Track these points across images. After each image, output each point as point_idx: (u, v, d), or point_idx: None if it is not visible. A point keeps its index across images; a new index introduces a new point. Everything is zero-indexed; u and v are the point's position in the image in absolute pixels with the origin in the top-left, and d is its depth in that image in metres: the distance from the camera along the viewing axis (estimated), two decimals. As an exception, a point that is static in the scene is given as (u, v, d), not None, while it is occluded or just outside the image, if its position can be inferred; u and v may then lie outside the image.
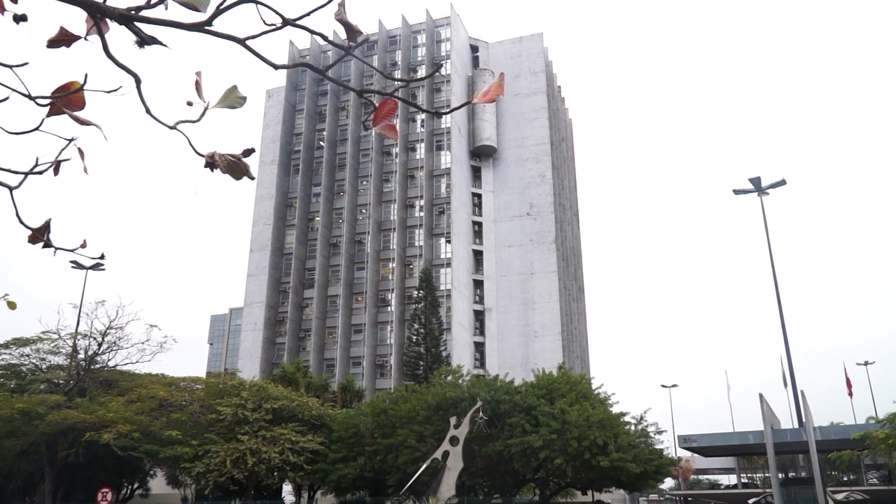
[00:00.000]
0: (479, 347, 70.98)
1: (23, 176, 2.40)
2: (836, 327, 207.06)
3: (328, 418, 34.46)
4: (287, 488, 40.20)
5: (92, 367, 36.53)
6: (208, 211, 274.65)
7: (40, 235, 2.46)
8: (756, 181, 37.99)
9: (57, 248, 2.57)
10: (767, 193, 38.05)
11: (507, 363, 61.77)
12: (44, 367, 37.37)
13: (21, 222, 2.42)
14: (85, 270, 39.65)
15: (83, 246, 2.62)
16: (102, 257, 2.77)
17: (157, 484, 43.45)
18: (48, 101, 2.19)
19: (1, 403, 31.71)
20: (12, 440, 32.67)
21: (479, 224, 75.35)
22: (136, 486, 43.73)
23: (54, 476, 35.24)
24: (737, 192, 38.85)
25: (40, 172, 2.37)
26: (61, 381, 36.65)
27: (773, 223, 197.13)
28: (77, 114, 2.17)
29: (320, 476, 33.02)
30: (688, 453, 45.45)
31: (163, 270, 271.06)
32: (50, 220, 2.49)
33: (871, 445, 28.70)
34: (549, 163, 75.71)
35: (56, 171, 2.36)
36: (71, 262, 39.33)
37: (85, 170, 2.32)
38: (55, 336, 36.02)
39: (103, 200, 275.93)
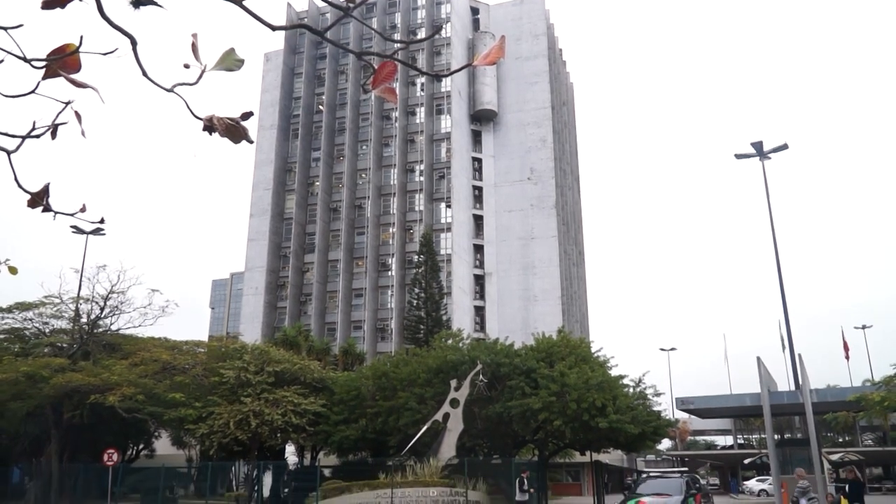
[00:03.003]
0: (480, 311, 71.39)
1: (20, 140, 2.39)
2: (836, 292, 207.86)
3: (330, 381, 34.82)
4: (290, 449, 40.94)
5: (95, 330, 36.77)
6: (208, 176, 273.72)
7: (39, 200, 2.46)
8: (758, 145, 37.74)
9: (56, 213, 2.58)
10: (769, 158, 37.83)
11: (507, 327, 62.16)
12: (47, 331, 37.61)
13: (20, 186, 2.42)
14: (85, 235, 39.63)
15: (83, 210, 2.62)
16: (102, 221, 2.77)
17: (162, 445, 44.14)
18: (44, 63, 2.17)
19: (6, 367, 32.01)
20: (18, 402, 33.06)
21: (480, 189, 75.15)
22: (141, 446, 44.41)
23: (60, 437, 35.75)
24: (738, 156, 38.63)
25: (38, 136, 2.36)
26: (65, 345, 36.93)
27: (774, 188, 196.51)
28: (73, 76, 2.15)
29: (322, 437, 33.49)
30: (685, 415, 46.04)
31: (163, 235, 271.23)
32: (49, 184, 2.48)
33: (866, 407, 29.03)
34: (549, 127, 75.19)
35: (53, 135, 2.35)
36: (71, 226, 39.33)
37: (82, 133, 2.31)
38: (57, 301, 36.19)
39: (102, 165, 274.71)
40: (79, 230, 38.74)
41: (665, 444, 70.78)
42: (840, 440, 71.20)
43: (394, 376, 32.97)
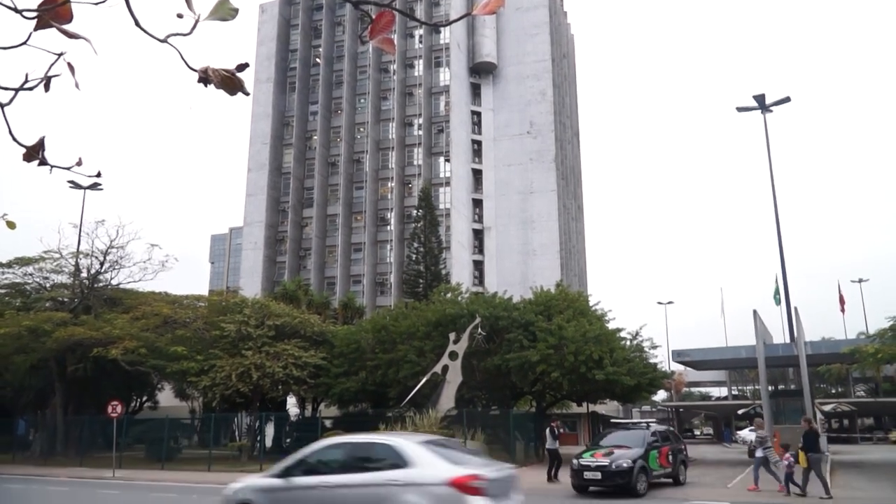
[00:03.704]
0: (478, 266, 71.61)
1: (13, 92, 2.37)
2: (834, 246, 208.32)
3: (330, 334, 35.14)
4: (291, 401, 41.56)
5: (95, 285, 36.94)
6: (205, 130, 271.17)
7: (35, 153, 2.45)
8: (760, 98, 37.40)
9: (52, 166, 2.57)
10: (771, 111, 37.51)
11: (505, 281, 62.44)
12: (48, 285, 37.79)
13: (14, 140, 2.41)
14: (83, 190, 39.48)
15: (79, 164, 2.61)
16: (99, 175, 2.77)
17: (166, 397, 44.78)
18: (35, 13, 2.14)
19: (8, 321, 32.25)
20: (21, 356, 33.43)
21: (479, 143, 74.58)
22: (144, 398, 45.08)
23: (64, 390, 36.26)
24: (740, 109, 38.29)
25: (31, 88, 2.34)
26: (66, 300, 37.15)
27: (775, 142, 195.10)
28: (65, 27, 2.13)
29: (323, 389, 33.96)
30: (681, 367, 46.61)
31: (161, 190, 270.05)
32: (44, 137, 2.47)
33: (860, 360, 29.31)
34: (549, 80, 74.21)
35: (47, 87, 2.33)
36: (69, 181, 39.13)
37: (76, 85, 2.29)
38: (57, 255, 36.27)
39: (97, 119, 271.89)
40: (76, 185, 38.57)
41: (661, 395, 71.83)
42: (833, 391, 72.26)
43: (393, 330, 33.26)
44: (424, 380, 29.90)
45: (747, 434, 51.93)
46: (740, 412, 57.96)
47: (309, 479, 9.56)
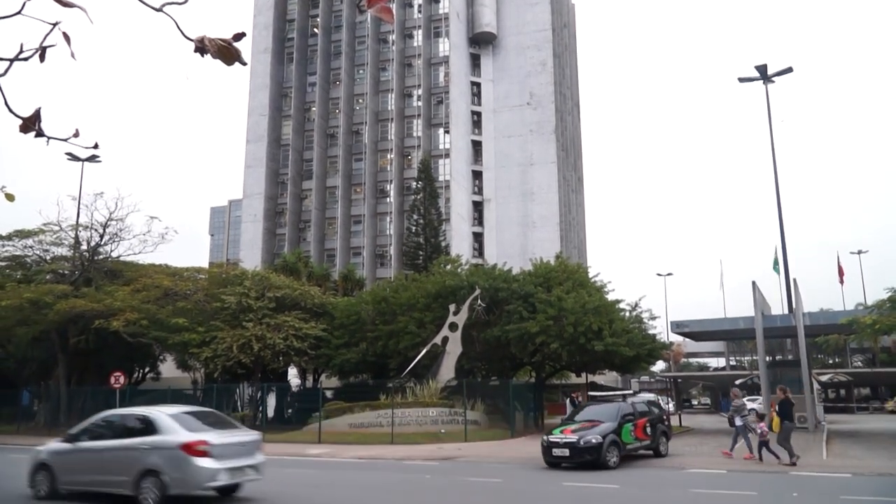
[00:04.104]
0: (478, 238, 71.64)
1: (8, 63, 2.37)
2: (833, 218, 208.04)
3: (330, 306, 35.26)
4: (292, 372, 41.85)
5: (95, 257, 36.99)
6: (203, 101, 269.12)
7: (31, 125, 2.46)
8: (762, 69, 37.08)
9: (49, 138, 2.58)
10: (773, 81, 37.21)
11: (505, 253, 62.49)
12: (48, 258, 37.84)
13: (11, 111, 2.41)
14: (81, 162, 39.31)
15: (76, 135, 2.62)
16: (96, 146, 2.77)
17: (168, 368, 45.07)
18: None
19: (9, 293, 32.36)
20: (23, 328, 33.60)
21: (479, 114, 74.11)
22: (146, 370, 45.39)
23: (67, 361, 36.52)
24: (742, 79, 37.97)
25: (26, 59, 2.34)
26: (66, 272, 37.23)
27: (776, 114, 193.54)
28: (60, -4, 2.11)
29: (324, 360, 34.20)
30: (679, 338, 46.89)
31: (159, 162, 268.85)
32: (40, 108, 2.48)
33: (857, 330, 29.46)
34: (550, 50, 73.50)
35: (42, 58, 2.32)
36: (66, 153, 39.01)
37: (72, 55, 2.28)
38: (57, 228, 36.26)
39: (94, 90, 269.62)
40: (74, 157, 38.42)
41: (659, 365, 72.34)
42: (830, 362, 72.77)
43: (393, 301, 33.39)
44: (424, 351, 30.11)
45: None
46: (738, 382, 58.37)
47: (88, 444, 12.06)
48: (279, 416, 35.66)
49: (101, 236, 36.46)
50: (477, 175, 72.95)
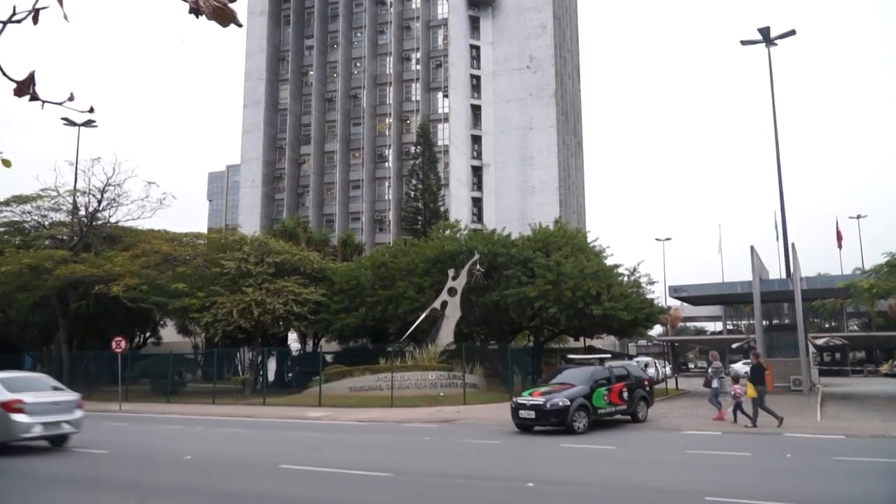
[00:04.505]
0: (477, 203, 71.50)
1: (1, 25, 2.35)
2: (833, 183, 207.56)
3: (329, 271, 35.35)
4: (293, 336, 42.15)
5: (94, 223, 36.95)
6: (200, 65, 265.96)
7: (25, 88, 2.45)
8: (765, 31, 36.64)
9: (44, 102, 2.57)
10: (776, 44, 36.79)
11: (504, 218, 62.42)
12: (46, 223, 37.79)
13: (5, 75, 2.40)
14: (77, 127, 39.01)
15: (70, 99, 2.61)
16: (91, 110, 2.76)
17: (168, 333, 45.39)
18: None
19: (9, 259, 32.40)
20: (24, 293, 33.72)
21: (478, 78, 73.34)
22: (147, 334, 45.72)
23: (68, 326, 36.73)
24: (744, 42, 37.53)
25: (19, 21, 2.31)
26: (65, 237, 37.22)
27: (778, 78, 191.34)
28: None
29: (324, 325, 34.40)
30: (677, 302, 47.14)
31: (156, 127, 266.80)
32: (34, 72, 2.46)
33: (854, 294, 29.63)
34: (550, 12, 72.44)
35: (35, 20, 2.30)
36: (62, 118, 38.70)
37: (65, 17, 2.26)
38: (54, 193, 36.13)
39: (89, 53, 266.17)
40: (70, 122, 38.12)
41: (657, 329, 72.84)
42: (826, 325, 73.30)
43: (392, 266, 33.47)
44: (424, 315, 30.29)
45: (740, 367, 52.99)
46: (734, 346, 58.97)
47: None
48: (280, 380, 36.01)
49: (99, 202, 36.37)
50: (476, 139, 72.50)
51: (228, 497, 9.05)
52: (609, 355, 21.88)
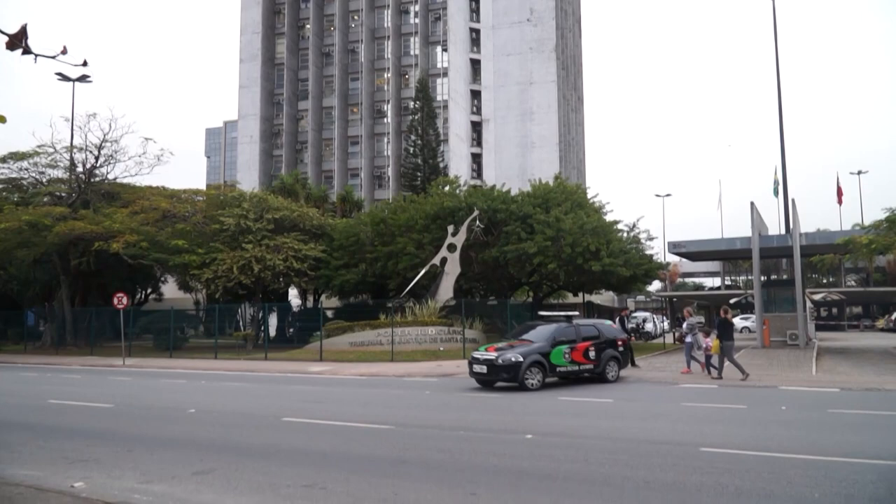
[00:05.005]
0: (477, 158, 71.07)
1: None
2: (834, 139, 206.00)
3: (329, 227, 35.35)
4: (293, 292, 42.37)
5: (92, 179, 36.78)
6: (195, 19, 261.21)
7: (18, 42, 2.41)
8: (770, -20, 35.96)
9: (37, 55, 2.53)
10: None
11: (504, 174, 62.16)
12: (44, 180, 37.62)
13: (-3, 27, 2.35)
14: (72, 83, 38.50)
15: (63, 52, 2.58)
16: (85, 64, 2.73)
17: (170, 289, 45.63)
18: None
19: (8, 216, 32.35)
20: (24, 250, 33.77)
21: (477, 31, 72.10)
22: (149, 291, 45.97)
23: (69, 283, 36.88)
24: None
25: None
26: (63, 194, 37.09)
27: (781, 29, 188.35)
28: None
29: (324, 281, 34.55)
30: (676, 258, 47.27)
31: (152, 82, 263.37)
32: (26, 25, 2.42)
33: (853, 250, 29.65)
34: (551, -38, 70.85)
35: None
36: (57, 73, 38.16)
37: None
38: (51, 150, 35.88)
39: (81, 6, 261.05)
40: (64, 77, 37.62)
41: (655, 285, 73.17)
42: (824, 281, 73.62)
43: (392, 222, 33.45)
44: (423, 271, 30.40)
45: (738, 322, 53.41)
46: (732, 301, 59.23)
47: None
48: (281, 335, 36.32)
49: (97, 158, 36.15)
50: (475, 95, 71.67)
51: (233, 449, 9.21)
52: (576, 313, 20.91)
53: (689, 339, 20.09)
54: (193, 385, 18.94)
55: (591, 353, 17.15)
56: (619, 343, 18.15)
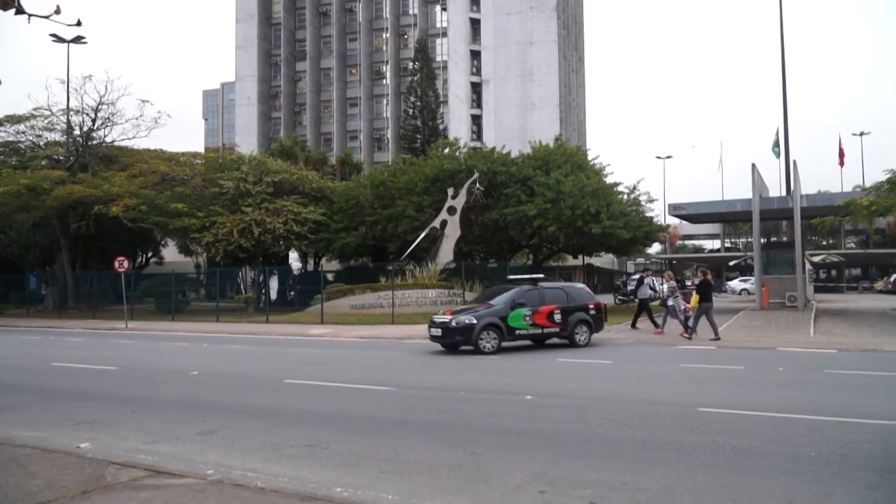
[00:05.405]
0: (476, 120, 70.52)
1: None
2: (837, 100, 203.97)
3: (328, 190, 35.25)
4: (293, 255, 42.44)
5: (89, 143, 36.54)
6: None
7: (10, 1, 2.37)
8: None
9: (30, 15, 2.49)
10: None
11: (504, 135, 61.73)
12: (41, 143, 37.39)
13: (-12, -14, 2.31)
14: (66, 44, 37.99)
15: (57, 12, 2.53)
16: (79, 24, 2.68)
17: (170, 252, 45.70)
18: None
19: (6, 180, 32.25)
20: (23, 214, 33.74)
21: (477, -11, 70.91)
22: (150, 254, 46.03)
23: (70, 246, 36.93)
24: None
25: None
26: (61, 158, 36.90)
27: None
28: None
29: (324, 244, 34.58)
30: (676, 220, 47.24)
31: (147, 42, 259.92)
32: (18, -17, 2.37)
33: (853, 212, 29.57)
34: (553, -83, 69.34)
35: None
36: (51, 35, 37.62)
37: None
38: (48, 112, 35.59)
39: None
40: (59, 38, 37.11)
41: (655, 247, 73.28)
42: (824, 243, 73.66)
43: (392, 185, 33.34)
44: (423, 234, 30.40)
45: (737, 284, 53.63)
46: (731, 263, 59.46)
47: None
48: (282, 298, 36.47)
49: (93, 121, 35.87)
50: (475, 55, 70.79)
51: (236, 410, 9.33)
52: (542, 276, 20.38)
53: (670, 302, 20.30)
54: (195, 348, 19.09)
55: (557, 317, 16.85)
56: (591, 307, 17.74)
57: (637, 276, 24.62)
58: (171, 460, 6.55)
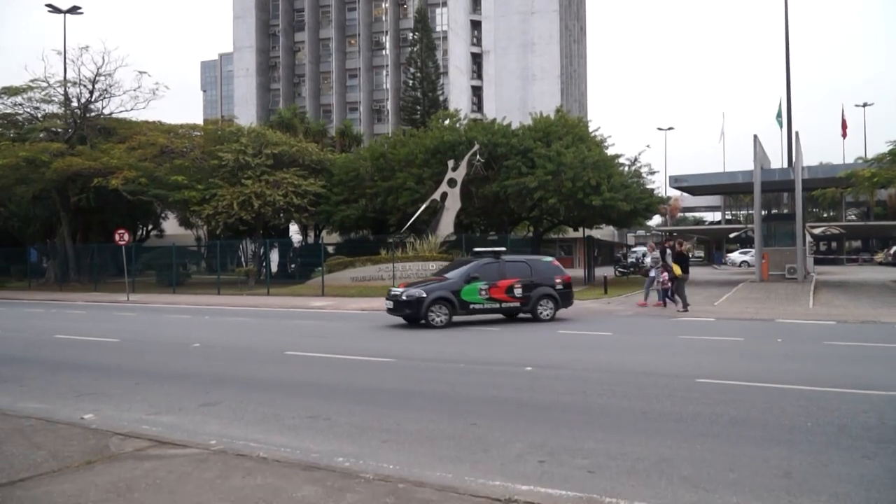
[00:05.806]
0: (477, 91, 69.94)
1: None
2: (840, 70, 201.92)
3: (328, 163, 35.11)
4: (294, 228, 42.42)
5: (87, 115, 36.30)
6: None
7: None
8: None
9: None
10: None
11: (504, 107, 61.27)
12: (39, 115, 37.14)
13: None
14: (63, 14, 37.55)
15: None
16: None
17: (170, 225, 45.68)
18: None
19: (5, 152, 32.11)
20: (23, 187, 33.65)
21: (478, -43, 69.83)
22: (150, 227, 46.01)
23: (70, 219, 36.90)
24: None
25: None
26: (59, 130, 36.68)
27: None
28: None
29: (324, 217, 34.53)
30: (677, 193, 47.10)
31: (143, 12, 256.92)
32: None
33: (855, 184, 29.52)
34: None
35: None
36: (47, 5, 37.16)
37: None
38: (45, 84, 35.30)
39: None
40: (55, 9, 36.69)
41: (655, 220, 73.16)
42: (825, 215, 73.53)
43: (392, 157, 33.20)
44: (424, 206, 30.34)
45: (737, 256, 53.65)
46: (732, 236, 59.40)
47: None
48: (282, 270, 36.54)
49: (91, 93, 35.59)
50: (476, 25, 69.97)
51: (238, 382, 9.39)
52: (503, 249, 19.71)
53: (652, 273, 20.49)
54: (197, 320, 19.17)
55: (517, 291, 16.50)
56: (559, 281, 17.26)
57: (639, 249, 24.72)
58: (175, 431, 6.61)
